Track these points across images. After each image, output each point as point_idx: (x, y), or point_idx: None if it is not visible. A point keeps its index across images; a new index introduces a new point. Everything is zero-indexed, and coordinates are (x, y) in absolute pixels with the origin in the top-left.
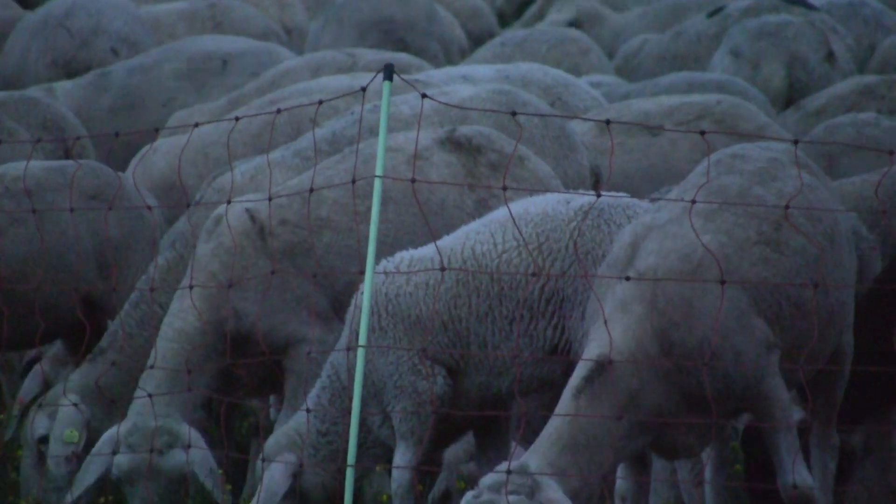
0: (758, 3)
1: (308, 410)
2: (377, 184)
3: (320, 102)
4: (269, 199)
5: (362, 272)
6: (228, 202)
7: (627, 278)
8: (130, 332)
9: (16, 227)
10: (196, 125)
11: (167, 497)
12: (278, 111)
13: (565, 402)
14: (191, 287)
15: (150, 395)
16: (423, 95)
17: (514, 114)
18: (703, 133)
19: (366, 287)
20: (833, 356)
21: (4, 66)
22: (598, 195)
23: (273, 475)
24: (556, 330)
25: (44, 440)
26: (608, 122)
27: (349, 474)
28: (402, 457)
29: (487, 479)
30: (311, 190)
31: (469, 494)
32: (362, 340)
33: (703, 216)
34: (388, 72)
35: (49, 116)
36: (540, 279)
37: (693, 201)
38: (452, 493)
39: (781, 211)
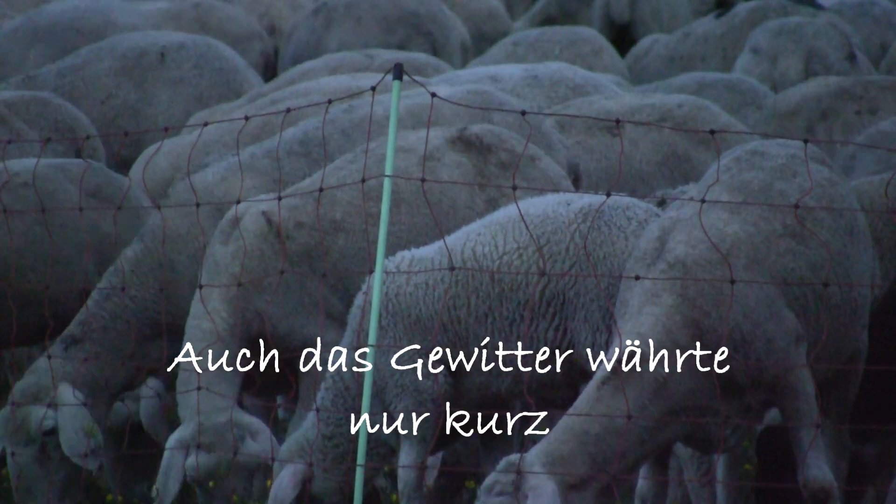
0: (765, 4)
1: (318, 410)
2: (387, 183)
3: (329, 102)
4: (279, 199)
5: (372, 272)
6: (238, 202)
7: (637, 277)
8: (105, 324)
9: (11, 221)
10: (205, 124)
11: (247, 489)
12: (288, 110)
13: (588, 391)
14: (200, 287)
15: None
16: (433, 95)
17: (524, 113)
18: (712, 132)
19: (375, 287)
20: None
21: (8, 73)
22: (608, 194)
23: (280, 483)
24: (557, 332)
25: (49, 433)
26: (618, 121)
27: (359, 473)
28: (407, 456)
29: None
30: (321, 189)
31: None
32: (371, 340)
33: (728, 209)
34: (398, 71)
35: (60, 117)
36: (542, 281)
37: (703, 200)
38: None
39: (801, 206)
